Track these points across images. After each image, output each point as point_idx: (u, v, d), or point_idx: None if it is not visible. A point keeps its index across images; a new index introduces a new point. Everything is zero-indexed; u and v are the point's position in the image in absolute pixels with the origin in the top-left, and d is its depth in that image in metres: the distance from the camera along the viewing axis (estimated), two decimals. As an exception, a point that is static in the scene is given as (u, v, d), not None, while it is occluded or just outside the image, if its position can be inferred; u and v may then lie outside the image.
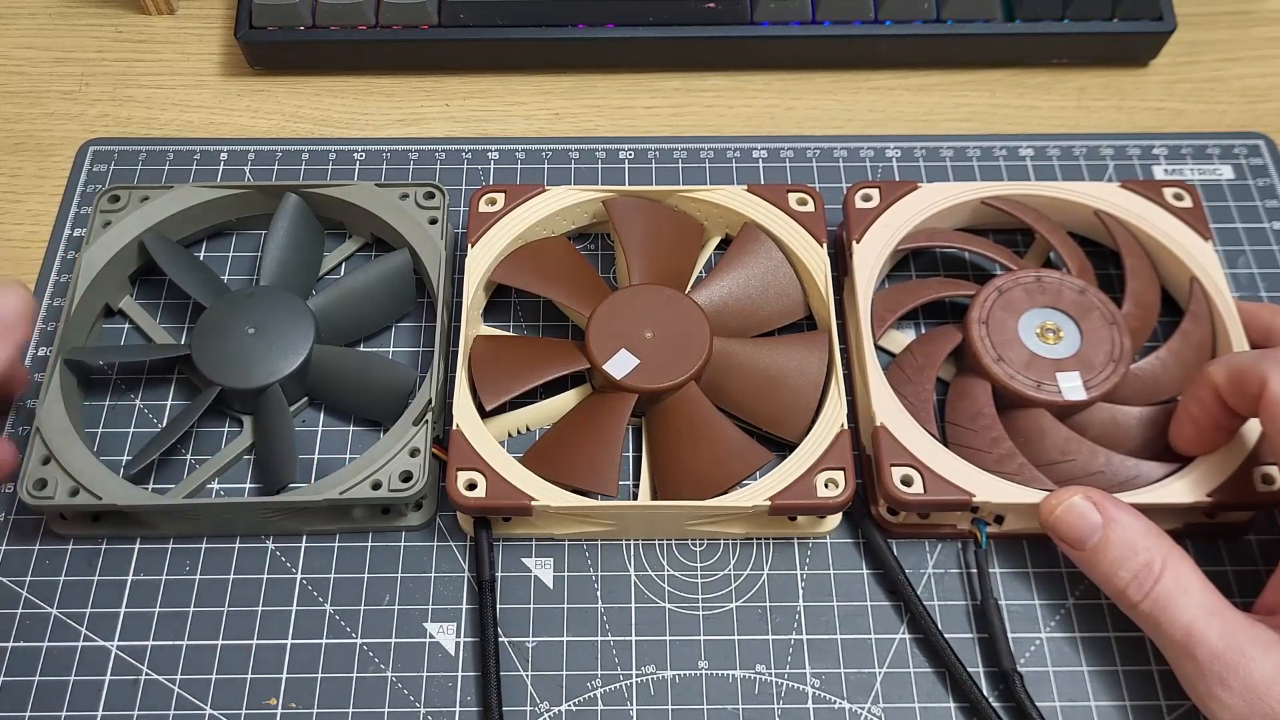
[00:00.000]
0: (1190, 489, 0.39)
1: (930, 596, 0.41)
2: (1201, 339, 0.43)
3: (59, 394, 0.42)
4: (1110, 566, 0.37)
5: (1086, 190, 0.47)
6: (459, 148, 0.52)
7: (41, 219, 0.51)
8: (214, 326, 0.43)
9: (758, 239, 0.45)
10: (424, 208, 0.46)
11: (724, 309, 0.44)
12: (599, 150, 0.52)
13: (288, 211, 0.46)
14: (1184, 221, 0.45)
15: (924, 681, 0.39)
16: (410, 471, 0.39)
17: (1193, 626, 0.35)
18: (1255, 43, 0.57)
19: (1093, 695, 0.39)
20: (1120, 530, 0.37)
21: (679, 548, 0.42)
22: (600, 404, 0.42)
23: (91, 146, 0.53)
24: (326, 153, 0.52)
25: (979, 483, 0.39)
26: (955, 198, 0.46)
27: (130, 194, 0.47)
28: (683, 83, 0.56)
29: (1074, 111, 0.54)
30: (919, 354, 0.44)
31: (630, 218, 0.46)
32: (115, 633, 0.40)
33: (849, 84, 0.55)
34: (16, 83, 0.55)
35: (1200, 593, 0.35)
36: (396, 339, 0.47)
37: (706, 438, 0.41)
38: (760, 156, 0.52)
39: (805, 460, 0.39)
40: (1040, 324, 0.43)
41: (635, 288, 0.44)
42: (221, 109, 0.55)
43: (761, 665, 0.40)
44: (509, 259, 0.45)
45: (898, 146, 0.52)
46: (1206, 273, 0.44)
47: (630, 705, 0.39)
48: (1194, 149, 0.52)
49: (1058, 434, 0.41)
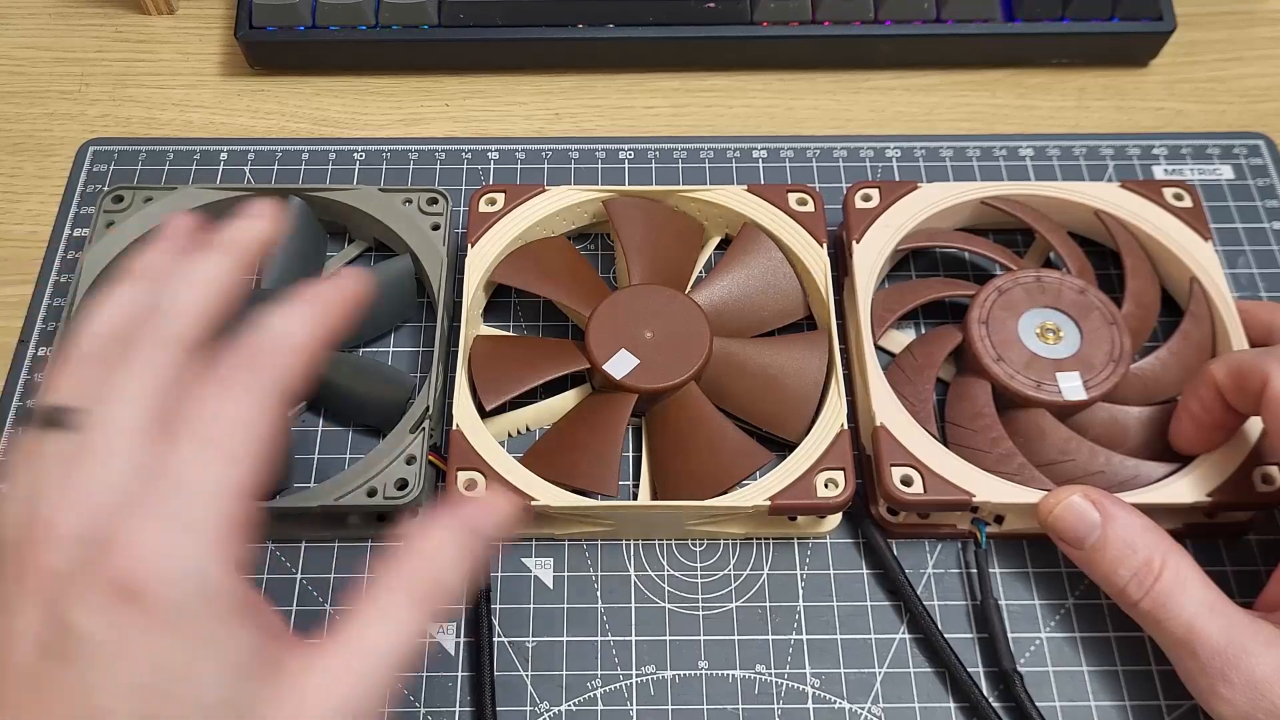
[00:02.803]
0: (1190, 489, 0.39)
1: (930, 596, 0.41)
2: (1201, 339, 0.43)
3: (59, 394, 0.42)
4: (1110, 565, 0.37)
5: (1086, 190, 0.47)
6: (459, 148, 0.52)
7: (41, 219, 0.51)
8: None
9: (757, 239, 0.45)
10: (427, 213, 0.46)
11: (724, 309, 0.44)
12: (599, 150, 0.52)
13: (290, 215, 0.46)
14: (1184, 221, 0.45)
15: (924, 681, 0.39)
16: (406, 479, 0.39)
17: (1194, 623, 0.35)
18: (1255, 43, 0.57)
19: (1093, 695, 0.39)
20: (1119, 528, 0.37)
21: (679, 548, 0.42)
22: (600, 404, 0.42)
23: (91, 146, 0.53)
24: (326, 153, 0.52)
25: (979, 483, 0.39)
26: (955, 198, 0.46)
27: (134, 194, 0.47)
28: (683, 83, 0.56)
29: (1074, 111, 0.54)
30: (919, 354, 0.44)
31: (630, 218, 0.46)
32: (115, 633, 0.40)
33: (849, 84, 0.55)
34: (16, 83, 0.55)
35: (1201, 590, 0.35)
36: (397, 339, 0.47)
37: (707, 438, 0.41)
38: (760, 156, 0.52)
39: (805, 460, 0.39)
40: (1040, 324, 0.43)
41: (635, 288, 0.44)
42: (221, 109, 0.55)
43: (761, 665, 0.40)
44: (509, 259, 0.45)
45: (898, 146, 0.52)
46: (1206, 273, 0.44)
47: (630, 705, 0.39)
48: (1194, 149, 0.52)
49: (1058, 434, 0.41)
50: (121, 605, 0.26)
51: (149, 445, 0.29)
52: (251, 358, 0.30)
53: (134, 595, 0.26)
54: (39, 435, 0.30)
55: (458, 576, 0.31)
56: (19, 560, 0.27)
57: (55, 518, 0.28)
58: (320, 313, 0.32)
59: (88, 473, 0.28)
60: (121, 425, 0.29)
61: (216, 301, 0.32)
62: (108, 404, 0.29)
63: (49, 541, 0.27)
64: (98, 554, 0.27)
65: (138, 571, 0.27)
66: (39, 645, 0.26)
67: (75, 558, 0.27)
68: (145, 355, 0.30)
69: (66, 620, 0.26)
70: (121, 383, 0.30)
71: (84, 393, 0.30)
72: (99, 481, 0.28)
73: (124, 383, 0.30)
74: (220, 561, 0.28)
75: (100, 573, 0.27)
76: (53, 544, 0.27)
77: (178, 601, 0.27)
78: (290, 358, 0.31)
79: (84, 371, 0.31)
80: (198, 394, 0.30)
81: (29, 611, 0.27)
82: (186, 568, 0.27)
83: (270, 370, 0.30)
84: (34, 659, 0.26)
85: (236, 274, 0.33)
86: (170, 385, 0.30)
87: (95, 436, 0.29)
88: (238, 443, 0.29)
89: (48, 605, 0.27)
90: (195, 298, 0.32)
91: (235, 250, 0.33)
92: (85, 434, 0.29)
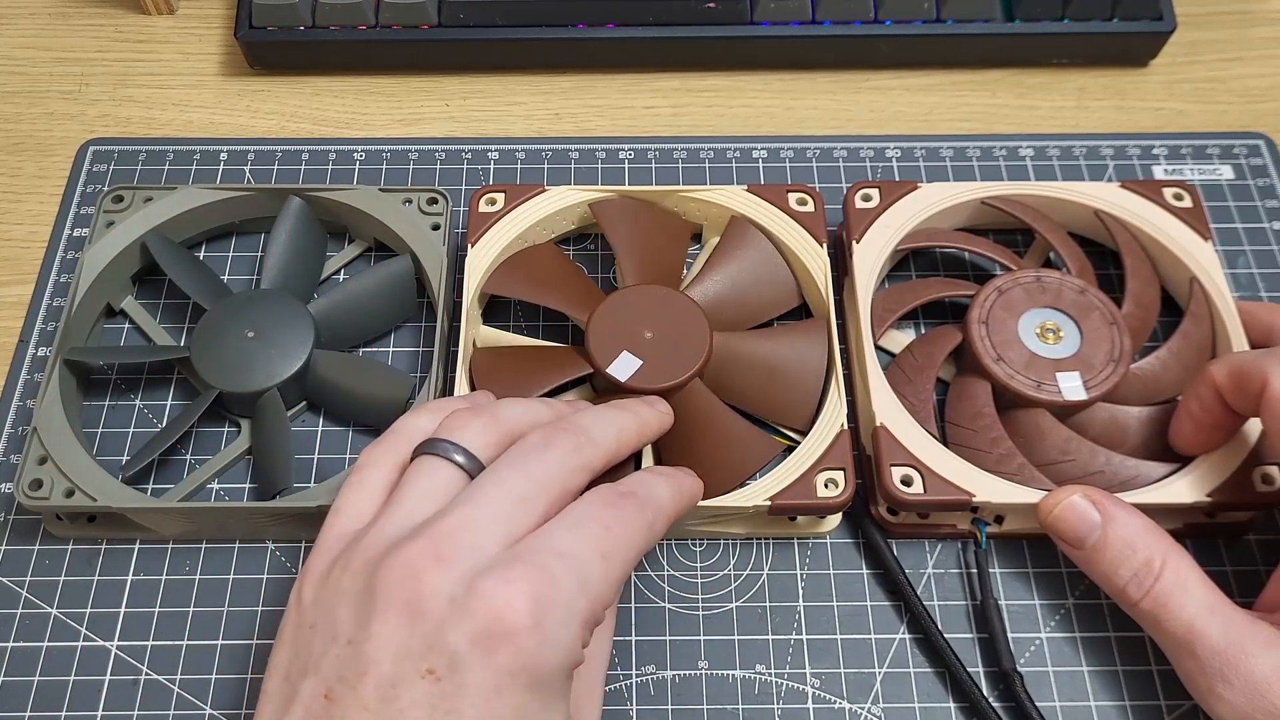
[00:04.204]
0: (1190, 489, 0.39)
1: (930, 596, 0.41)
2: (1202, 339, 0.43)
3: (57, 394, 0.42)
4: (1110, 565, 0.37)
5: (1086, 190, 0.47)
6: (459, 148, 0.52)
7: (41, 219, 0.51)
8: (214, 329, 0.43)
9: (746, 231, 0.45)
10: (426, 213, 0.46)
11: (719, 303, 0.44)
12: (599, 150, 0.52)
13: (290, 215, 0.46)
14: (1184, 221, 0.45)
15: (924, 681, 0.39)
16: None
17: (1193, 624, 0.35)
18: (1255, 43, 0.57)
19: (1093, 695, 0.39)
20: (1119, 528, 0.37)
21: (679, 548, 0.42)
22: (601, 405, 0.42)
23: (91, 146, 0.53)
24: (326, 153, 0.52)
25: (979, 483, 0.39)
26: (955, 198, 0.46)
27: (134, 194, 0.47)
28: (683, 83, 0.56)
29: (1074, 111, 0.54)
30: (919, 354, 0.44)
31: (619, 220, 0.46)
32: (115, 633, 0.40)
33: (849, 84, 0.55)
34: (16, 83, 0.55)
35: (1200, 590, 0.35)
36: (397, 339, 0.47)
37: (717, 433, 0.41)
38: (760, 156, 0.52)
39: (805, 460, 0.39)
40: (1040, 324, 0.43)
41: (630, 289, 0.44)
42: (221, 109, 0.55)
43: (761, 665, 0.40)
44: (499, 271, 0.45)
45: (898, 146, 0.52)
46: (1206, 273, 0.44)
47: (630, 705, 0.39)
48: (1194, 149, 0.52)
49: (1057, 434, 0.41)
50: (497, 645, 0.28)
51: (532, 522, 0.31)
52: (640, 501, 0.33)
53: (509, 639, 0.28)
54: (427, 458, 0.33)
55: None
56: (406, 567, 0.29)
57: (445, 546, 0.29)
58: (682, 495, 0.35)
59: (481, 517, 0.30)
60: (519, 493, 0.31)
61: (619, 450, 0.35)
62: (513, 471, 0.32)
63: (440, 562, 0.29)
64: (485, 589, 0.28)
65: (517, 620, 0.28)
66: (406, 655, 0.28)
67: (459, 585, 0.28)
68: (562, 453, 0.33)
69: (443, 640, 0.28)
70: (533, 461, 0.32)
71: (478, 443, 0.33)
72: (486, 530, 0.30)
73: (534, 463, 0.32)
74: (580, 644, 0.30)
75: (484, 607, 0.28)
76: (444, 566, 0.29)
77: (545, 660, 0.28)
78: (662, 519, 0.34)
79: (486, 428, 0.33)
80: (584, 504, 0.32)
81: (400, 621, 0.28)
82: (560, 636, 0.29)
83: (650, 517, 0.33)
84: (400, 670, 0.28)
85: (637, 441, 0.37)
86: (567, 491, 0.33)
87: (494, 491, 0.31)
88: (616, 551, 0.31)
89: (426, 620, 0.28)
90: (609, 435, 0.35)
91: (640, 422, 0.37)
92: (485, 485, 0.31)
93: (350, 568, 0.30)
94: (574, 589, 0.29)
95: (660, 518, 0.33)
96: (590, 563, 0.30)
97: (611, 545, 0.31)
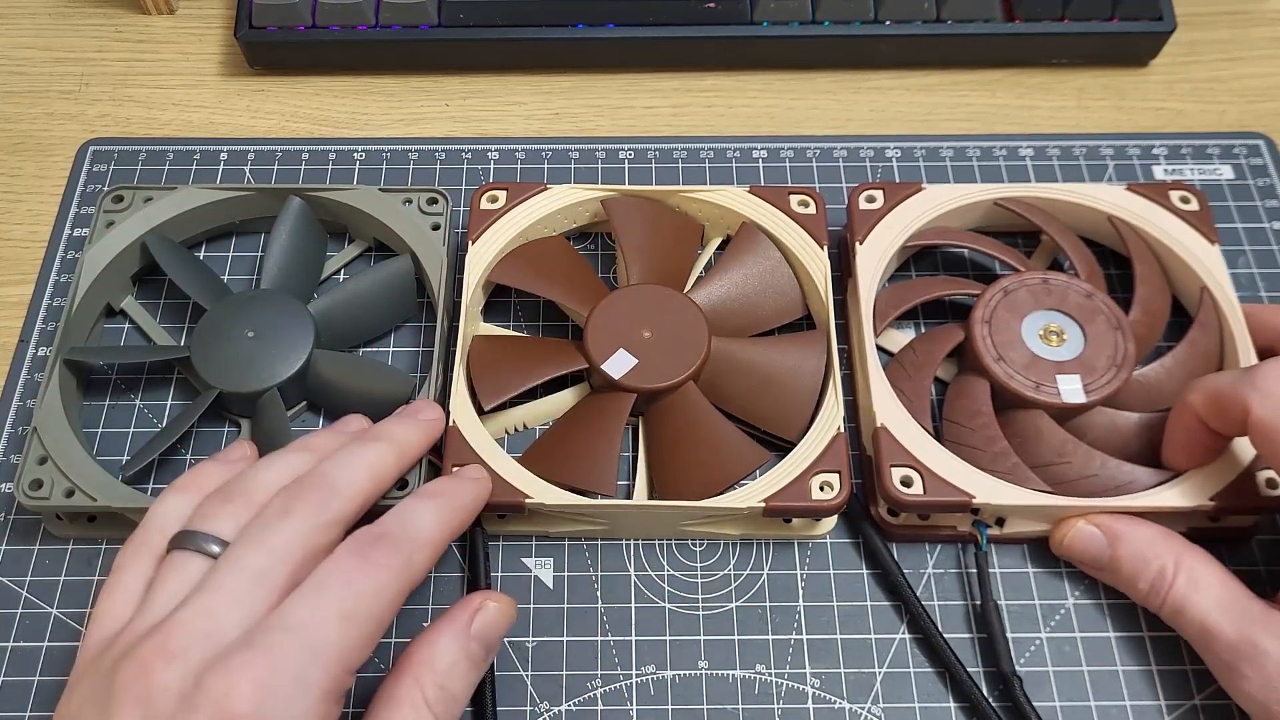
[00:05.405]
0: (1193, 493, 0.39)
1: (930, 597, 0.41)
2: (1209, 348, 0.43)
3: (57, 394, 0.42)
4: (1128, 580, 0.38)
5: (1090, 192, 0.46)
6: (459, 148, 0.52)
7: (41, 219, 0.51)
8: (214, 329, 0.43)
9: (756, 238, 0.45)
10: (427, 213, 0.46)
11: (722, 308, 0.44)
12: (599, 150, 0.52)
13: (290, 215, 0.46)
14: (1190, 225, 0.45)
15: (924, 681, 0.39)
16: (406, 479, 0.39)
17: (1206, 622, 0.36)
18: (1255, 43, 0.57)
19: (1093, 695, 0.39)
20: (1128, 545, 0.38)
21: (679, 548, 0.42)
22: (598, 403, 0.42)
23: (91, 146, 0.53)
24: (326, 153, 0.52)
25: (979, 484, 0.39)
26: (959, 199, 0.46)
27: (134, 194, 0.47)
28: (683, 83, 0.56)
29: (1074, 111, 0.54)
30: (920, 350, 0.44)
31: (630, 217, 0.46)
32: (115, 633, 0.40)
33: (849, 84, 0.55)
34: (16, 83, 0.55)
35: (1215, 587, 0.36)
36: (397, 339, 0.47)
37: (705, 437, 0.41)
38: (760, 156, 0.52)
39: (801, 462, 0.39)
40: (1044, 326, 0.43)
41: (634, 287, 0.44)
42: (221, 109, 0.55)
43: (761, 665, 0.40)
44: (507, 259, 0.45)
45: (898, 146, 0.52)
46: (1214, 279, 0.44)
47: (630, 705, 0.39)
48: (1194, 149, 0.52)
49: (1054, 436, 0.41)
50: None
51: (274, 596, 0.31)
52: (395, 540, 0.33)
53: None
54: (180, 553, 0.33)
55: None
56: (138, 665, 0.29)
57: (174, 640, 0.29)
58: (454, 514, 0.35)
59: (216, 603, 0.30)
60: (256, 570, 0.31)
61: (375, 487, 0.35)
62: (250, 548, 0.32)
63: (167, 658, 0.29)
64: (209, 682, 0.28)
65: (240, 709, 0.28)
66: None
67: (188, 679, 0.28)
68: (301, 517, 0.32)
69: None
70: (270, 534, 0.32)
71: (230, 528, 0.33)
72: (222, 615, 0.30)
73: (272, 535, 0.32)
74: (319, 714, 0.30)
75: (208, 700, 0.28)
76: (171, 662, 0.29)
77: None
78: (424, 552, 0.33)
79: (238, 511, 0.33)
80: (331, 562, 0.32)
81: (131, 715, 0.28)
82: (290, 714, 0.29)
83: (407, 554, 0.33)
84: None
85: (397, 469, 0.37)
86: (313, 551, 0.32)
87: (229, 575, 0.31)
88: (359, 609, 0.31)
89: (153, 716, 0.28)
90: (358, 479, 0.34)
91: (398, 448, 0.37)
92: (221, 570, 0.31)
93: (100, 671, 0.30)
94: (303, 662, 0.29)
95: (422, 550, 0.33)
96: (324, 627, 0.30)
97: (354, 602, 0.31)
